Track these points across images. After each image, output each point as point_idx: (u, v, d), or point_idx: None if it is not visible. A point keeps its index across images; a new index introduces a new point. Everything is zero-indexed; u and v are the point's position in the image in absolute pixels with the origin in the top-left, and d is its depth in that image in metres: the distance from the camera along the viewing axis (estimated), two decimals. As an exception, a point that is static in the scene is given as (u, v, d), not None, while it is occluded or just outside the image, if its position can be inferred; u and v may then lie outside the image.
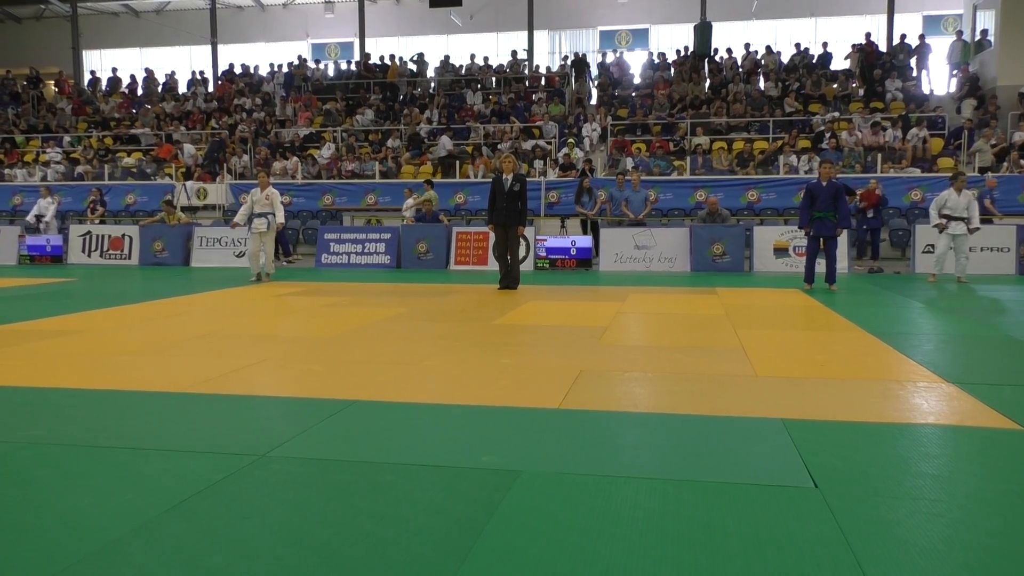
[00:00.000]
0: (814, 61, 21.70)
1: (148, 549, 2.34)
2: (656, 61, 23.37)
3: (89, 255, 16.15)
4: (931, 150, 17.40)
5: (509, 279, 10.16)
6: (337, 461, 3.16)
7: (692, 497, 2.74)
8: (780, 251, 13.53)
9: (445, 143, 19.67)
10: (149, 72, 26.57)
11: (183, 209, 17.46)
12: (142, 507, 2.66)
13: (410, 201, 16.03)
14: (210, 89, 25.66)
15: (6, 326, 6.97)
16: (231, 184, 19.26)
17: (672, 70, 22.50)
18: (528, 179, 17.07)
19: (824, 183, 10.16)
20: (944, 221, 11.36)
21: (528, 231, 14.30)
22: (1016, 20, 19.23)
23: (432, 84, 23.86)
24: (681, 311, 8.08)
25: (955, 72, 20.96)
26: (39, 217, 16.72)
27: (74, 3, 27.41)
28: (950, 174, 12.73)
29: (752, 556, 2.28)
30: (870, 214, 13.81)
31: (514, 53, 24.45)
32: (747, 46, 22.72)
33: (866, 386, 4.50)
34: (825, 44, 22.11)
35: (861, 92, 20.26)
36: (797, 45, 22.50)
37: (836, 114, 19.10)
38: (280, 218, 11.93)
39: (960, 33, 21.74)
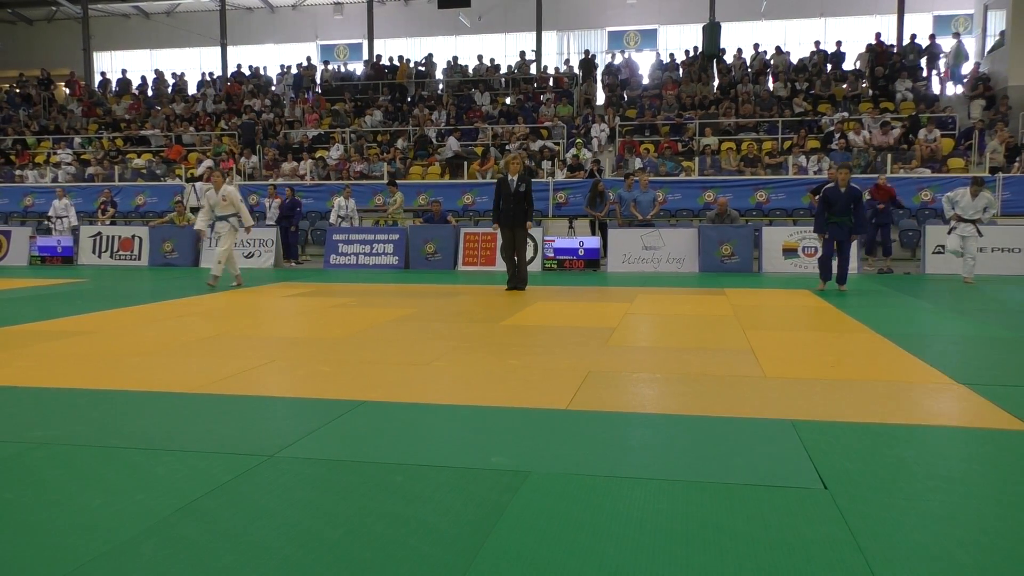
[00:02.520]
0: (827, 60, 21.62)
1: (159, 549, 2.36)
2: (665, 62, 23.34)
3: (99, 256, 16.24)
4: (941, 150, 17.31)
5: (517, 280, 10.14)
6: (346, 462, 3.17)
7: (701, 498, 2.74)
8: (789, 252, 13.48)
9: (452, 144, 19.69)
10: (159, 73, 26.71)
11: (192, 210, 17.51)
12: (153, 507, 2.68)
13: (352, 203, 15.98)
14: (219, 90, 25.77)
15: (18, 327, 7.01)
16: (240, 185, 19.32)
17: (681, 70, 22.46)
18: (536, 180, 17.18)
19: (842, 189, 9.96)
20: (955, 220, 11.36)
21: (536, 231, 14.30)
22: (1027, 20, 19.11)
23: (440, 85, 23.89)
24: (690, 312, 8.07)
25: (942, 74, 20.91)
26: (59, 218, 16.79)
27: (85, 5, 27.56)
28: (967, 175, 12.73)
29: (762, 558, 2.28)
30: (879, 206, 13.71)
31: (522, 54, 24.45)
32: (756, 46, 22.66)
33: (876, 387, 4.48)
34: (839, 43, 22.01)
35: (870, 92, 20.19)
36: (816, 43, 22.40)
37: (845, 114, 19.03)
38: (247, 220, 10.98)
39: (957, 35, 21.61)
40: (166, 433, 3.60)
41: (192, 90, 26.26)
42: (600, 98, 22.90)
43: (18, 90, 26.53)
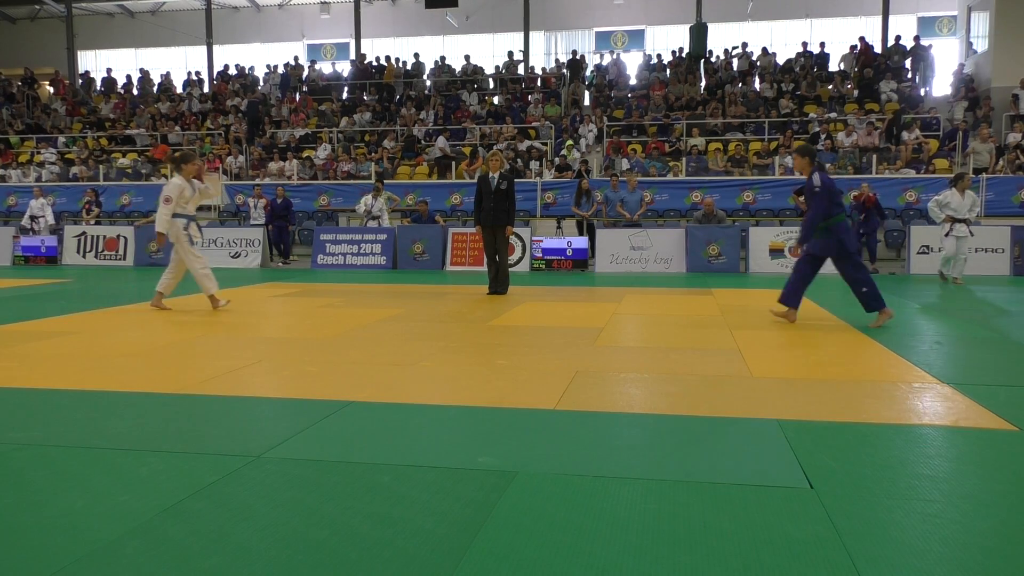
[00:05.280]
0: (813, 62, 21.76)
1: (143, 550, 2.34)
2: (652, 62, 23.40)
3: (84, 256, 16.11)
4: (929, 151, 17.44)
5: (497, 284, 9.74)
6: (333, 462, 3.15)
7: (688, 498, 2.75)
8: (775, 252, 13.55)
9: (441, 144, 19.67)
10: (144, 72, 26.53)
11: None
12: (137, 508, 2.66)
13: (380, 202, 15.80)
14: (205, 90, 25.63)
15: (1, 327, 6.94)
16: (227, 185, 19.23)
17: (668, 71, 22.54)
18: (524, 180, 17.19)
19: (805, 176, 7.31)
20: (950, 223, 11.27)
21: (524, 232, 14.30)
22: (1010, 22, 19.31)
23: (428, 85, 23.86)
24: (677, 312, 8.09)
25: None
26: (35, 218, 16.66)
27: (69, 3, 27.34)
28: (950, 175, 12.74)
29: (748, 557, 2.28)
30: (862, 216, 13.82)
31: (510, 54, 24.46)
32: (744, 45, 22.79)
33: (861, 387, 4.50)
34: (823, 44, 22.18)
35: (856, 93, 20.33)
36: (804, 44, 22.55)
37: (834, 115, 19.15)
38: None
39: (929, 45, 21.78)
40: (150, 434, 3.57)
41: (178, 89, 26.11)
42: (587, 98, 22.95)
43: (1, 88, 26.29)
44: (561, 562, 2.25)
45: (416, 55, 24.80)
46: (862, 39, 21.82)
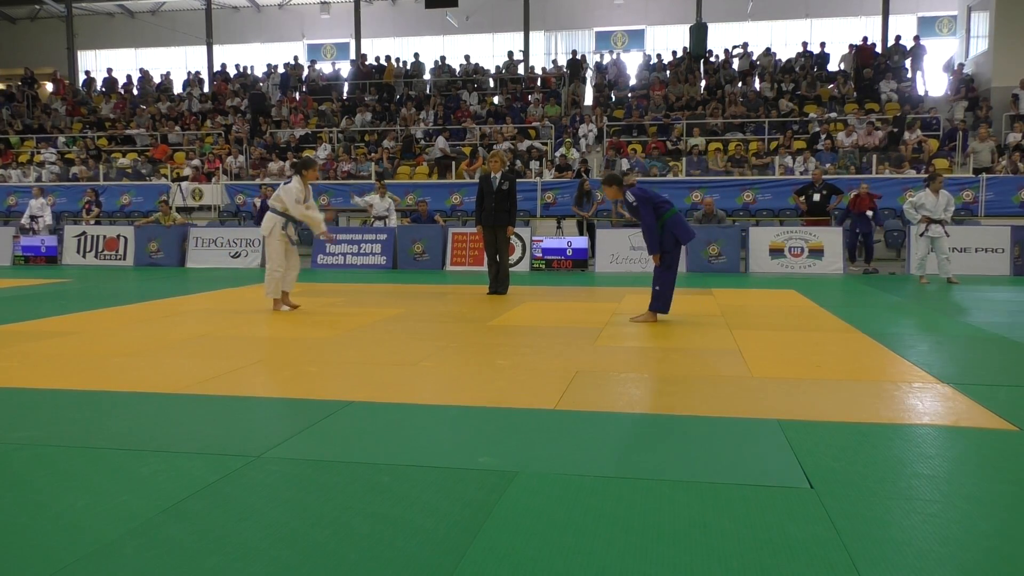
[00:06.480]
0: (812, 61, 21.77)
1: (144, 550, 2.34)
2: (652, 62, 23.41)
3: (84, 256, 16.11)
4: (929, 150, 17.43)
5: (498, 284, 9.75)
6: (333, 462, 3.16)
7: (688, 498, 2.75)
8: (776, 252, 13.55)
9: (441, 144, 19.67)
10: (144, 72, 26.54)
11: (178, 210, 17.42)
12: (137, 508, 2.66)
13: (388, 201, 15.70)
14: (205, 89, 25.63)
15: (1, 327, 6.94)
16: (227, 185, 19.23)
17: (668, 71, 22.55)
18: (524, 179, 17.19)
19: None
20: (926, 223, 11.29)
21: (524, 231, 14.29)
22: (1010, 22, 19.31)
23: (428, 85, 23.86)
24: (677, 312, 8.08)
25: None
26: (35, 218, 16.66)
27: (69, 3, 27.34)
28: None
29: (748, 557, 2.28)
30: (869, 214, 13.81)
31: (510, 54, 24.46)
32: (745, 45, 22.80)
33: (862, 387, 4.50)
34: (823, 44, 22.19)
35: (855, 93, 20.33)
36: (804, 44, 22.56)
37: (833, 114, 19.15)
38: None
39: (901, 37, 21.80)
40: (151, 434, 3.57)
41: (178, 89, 26.10)
42: (588, 98, 22.94)
43: (1, 88, 26.29)
44: (561, 562, 2.25)
45: (416, 55, 24.81)
46: (865, 40, 21.81)
